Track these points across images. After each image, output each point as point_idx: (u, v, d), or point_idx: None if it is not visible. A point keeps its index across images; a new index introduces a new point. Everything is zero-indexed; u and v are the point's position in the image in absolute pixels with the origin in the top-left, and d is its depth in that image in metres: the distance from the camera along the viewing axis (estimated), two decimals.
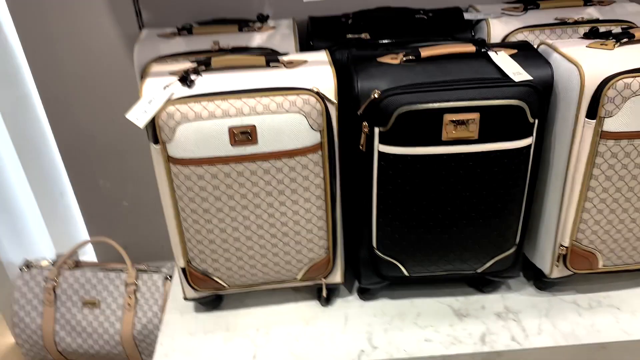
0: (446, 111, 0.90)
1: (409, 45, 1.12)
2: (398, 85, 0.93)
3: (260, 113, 0.91)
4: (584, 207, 1.00)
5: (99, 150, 1.44)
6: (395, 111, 0.90)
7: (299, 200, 0.99)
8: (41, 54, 1.31)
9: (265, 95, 0.92)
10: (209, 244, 1.01)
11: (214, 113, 0.90)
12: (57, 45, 1.30)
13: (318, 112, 0.93)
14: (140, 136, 1.39)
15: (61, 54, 1.31)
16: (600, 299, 1.14)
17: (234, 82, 0.94)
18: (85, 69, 1.33)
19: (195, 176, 0.94)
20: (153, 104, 0.91)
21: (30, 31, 1.28)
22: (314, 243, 1.04)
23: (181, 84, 0.94)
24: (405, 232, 1.02)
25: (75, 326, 1.36)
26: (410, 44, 1.13)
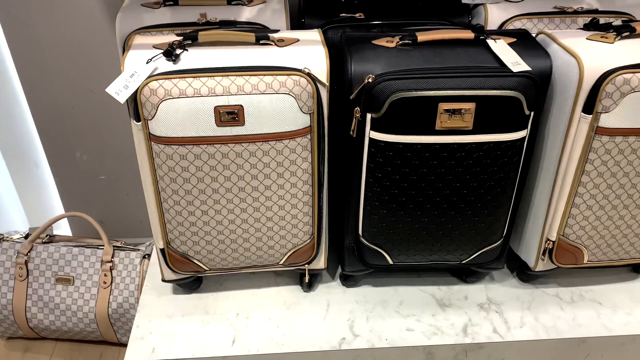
0: (441, 99, 0.87)
1: (405, 27, 1.08)
2: (393, 70, 0.89)
3: (248, 93, 0.87)
4: (573, 202, 0.98)
5: (77, 121, 1.38)
6: (388, 97, 0.87)
7: (285, 185, 0.96)
8: (15, 15, 1.24)
9: (254, 75, 0.87)
10: (190, 226, 0.98)
11: (200, 91, 0.86)
12: (33, 6, 1.23)
13: (309, 95, 0.89)
14: (121, 109, 1.34)
15: (38, 18, 1.24)
16: (582, 293, 1.14)
17: (221, 59, 0.89)
18: (63, 34, 1.27)
19: (177, 156, 0.90)
20: (135, 79, 0.86)
21: None
22: (298, 228, 1.01)
23: (166, 59, 0.89)
24: (392, 221, 0.99)
25: (47, 302, 1.32)
26: (405, 26, 1.09)
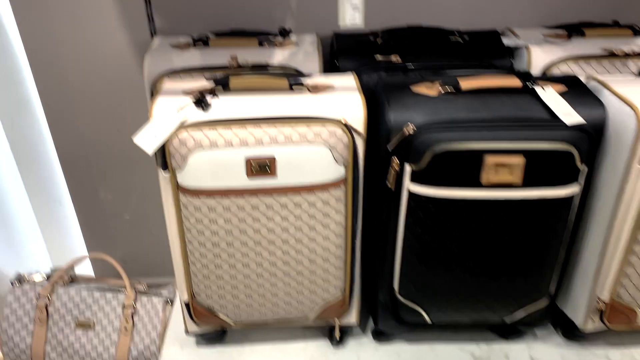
0: (488, 152, 0.81)
1: (444, 71, 1.03)
2: (435, 119, 0.84)
3: (281, 144, 0.82)
4: (628, 261, 0.91)
5: (102, 160, 1.36)
6: (430, 149, 0.82)
7: (317, 238, 0.90)
8: (43, 56, 1.22)
9: (287, 124, 0.83)
10: (216, 279, 0.93)
11: (231, 141, 0.82)
12: (61, 46, 1.22)
13: (344, 145, 0.84)
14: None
15: (65, 56, 1.23)
16: (634, 354, 1.05)
17: (253, 106, 0.85)
18: (91, 75, 1.24)
19: (205, 208, 0.85)
20: (164, 128, 0.82)
21: (32, 30, 1.19)
22: (329, 283, 0.96)
23: (196, 107, 0.85)
24: (431, 278, 0.93)
25: (67, 348, 1.28)
26: (444, 69, 1.04)
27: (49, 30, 1.19)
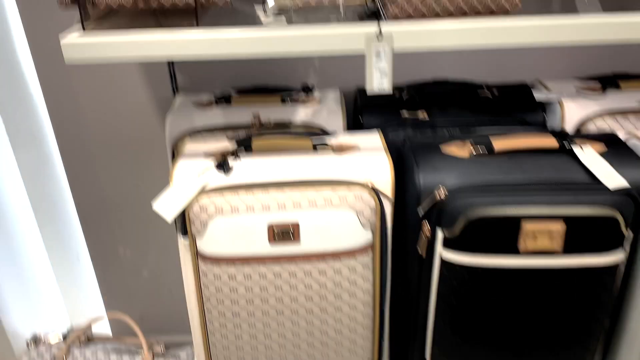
0: (526, 219, 0.76)
1: (474, 129, 0.99)
2: (467, 182, 0.80)
3: (305, 208, 0.79)
4: None
5: (121, 216, 1.33)
6: (464, 214, 0.77)
7: (343, 307, 0.85)
8: (65, 111, 1.22)
9: (311, 188, 0.79)
10: (236, 350, 0.88)
11: (253, 207, 0.78)
12: (82, 102, 1.21)
13: (372, 210, 0.80)
14: None
15: (86, 112, 1.22)
16: None
17: (276, 169, 0.82)
18: (112, 131, 1.24)
19: (226, 276, 0.81)
20: (184, 194, 0.79)
21: (54, 86, 1.19)
22: (356, 355, 0.90)
23: (217, 170, 0.82)
24: (465, 350, 0.87)
25: None
26: (474, 126, 1.00)
27: (71, 86, 1.19)
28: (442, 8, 0.68)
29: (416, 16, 0.68)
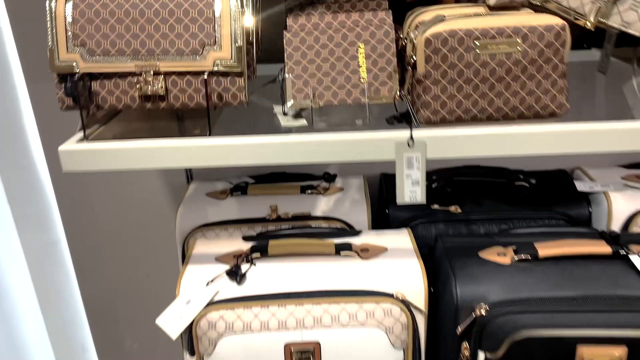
0: (580, 341, 0.66)
1: (513, 225, 0.90)
2: (511, 297, 0.70)
3: (326, 326, 0.70)
4: None
5: (129, 306, 1.25)
6: (509, 335, 0.67)
7: None
8: (73, 196, 1.17)
9: (335, 302, 0.71)
10: None
11: (268, 324, 0.69)
12: (91, 187, 1.16)
13: (402, 326, 0.71)
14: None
15: (95, 198, 1.17)
16: None
17: (295, 278, 0.74)
18: (121, 218, 1.17)
19: None
20: (192, 307, 0.71)
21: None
22: None
23: (229, 278, 0.74)
24: None
25: None
26: (512, 220, 0.91)
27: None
28: (480, 110, 0.61)
29: (451, 120, 0.61)
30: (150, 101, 0.65)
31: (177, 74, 0.64)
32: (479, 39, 0.59)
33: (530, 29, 0.59)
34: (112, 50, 0.63)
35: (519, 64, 0.60)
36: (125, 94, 0.65)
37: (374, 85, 0.66)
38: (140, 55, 0.63)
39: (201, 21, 0.63)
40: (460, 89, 0.61)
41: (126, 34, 0.63)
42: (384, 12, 0.70)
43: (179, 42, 0.63)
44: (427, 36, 0.59)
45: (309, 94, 0.66)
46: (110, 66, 0.63)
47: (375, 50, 0.66)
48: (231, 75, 0.64)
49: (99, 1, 0.63)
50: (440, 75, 0.60)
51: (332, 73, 0.66)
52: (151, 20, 0.63)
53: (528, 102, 0.61)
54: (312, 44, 0.67)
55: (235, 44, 0.63)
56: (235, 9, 0.63)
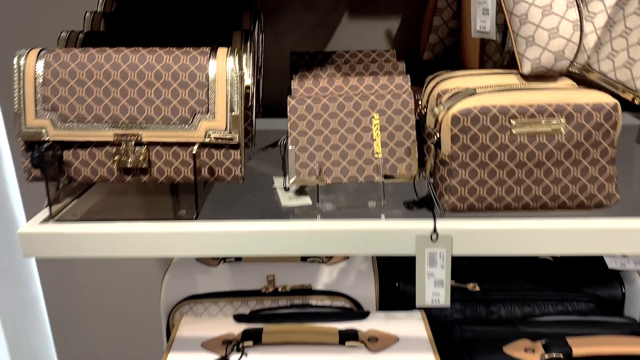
0: None
1: (537, 306, 0.80)
2: None
3: None
4: None
5: None
6: None
7: None
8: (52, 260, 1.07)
9: None
10: None
11: None
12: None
13: None
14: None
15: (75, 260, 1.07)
16: None
17: None
18: (104, 278, 1.08)
19: None
20: None
21: None
22: None
23: None
24: None
25: None
26: (536, 301, 0.81)
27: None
28: (514, 198, 0.52)
29: (480, 208, 0.52)
30: (131, 174, 0.56)
31: (162, 145, 0.55)
32: (515, 117, 0.51)
33: (577, 108, 0.51)
34: (88, 116, 0.55)
35: (562, 148, 0.51)
36: (101, 166, 0.56)
37: (389, 162, 0.57)
38: (120, 123, 0.55)
39: (192, 86, 0.54)
40: (493, 174, 0.52)
41: (105, 98, 0.54)
42: (402, 76, 0.62)
43: (165, 110, 0.54)
44: (454, 113, 0.51)
45: (314, 170, 0.57)
46: (85, 134, 0.55)
47: (391, 121, 0.58)
48: (225, 147, 0.56)
49: (74, 60, 0.55)
50: (469, 158, 0.52)
51: (341, 146, 0.58)
52: (134, 84, 0.54)
53: (571, 191, 0.52)
54: (319, 113, 0.58)
55: (231, 112, 0.55)
56: (233, 73, 0.55)
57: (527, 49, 0.57)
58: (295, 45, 0.94)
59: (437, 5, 0.75)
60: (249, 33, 0.64)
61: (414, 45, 0.88)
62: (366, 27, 0.90)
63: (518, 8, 0.56)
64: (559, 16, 0.55)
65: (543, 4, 0.56)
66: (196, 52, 0.55)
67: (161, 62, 0.55)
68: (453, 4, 0.75)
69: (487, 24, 0.60)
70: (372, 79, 0.62)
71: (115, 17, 0.70)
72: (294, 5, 0.90)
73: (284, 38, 0.93)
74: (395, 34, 0.90)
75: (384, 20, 0.90)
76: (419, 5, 0.88)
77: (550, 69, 0.57)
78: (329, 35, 0.92)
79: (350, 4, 0.89)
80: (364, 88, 0.61)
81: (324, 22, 0.91)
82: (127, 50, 0.55)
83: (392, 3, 0.89)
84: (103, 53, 0.55)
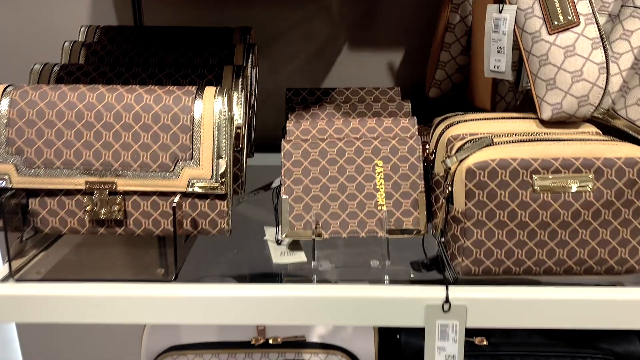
0: None
1: None
2: None
3: None
4: None
5: None
6: None
7: None
8: None
9: None
10: None
11: None
12: None
13: None
14: None
15: None
16: None
17: None
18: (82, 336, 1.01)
19: None
20: None
21: None
22: None
23: None
24: None
25: None
26: (548, 356, 0.75)
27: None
28: (535, 262, 0.47)
29: (498, 272, 0.46)
30: (104, 226, 0.50)
31: (140, 194, 0.49)
32: (538, 172, 0.45)
33: (607, 163, 0.45)
34: (57, 162, 0.49)
35: (590, 207, 0.45)
36: (71, 216, 0.50)
37: (395, 216, 0.51)
38: (93, 170, 0.48)
39: (175, 129, 0.49)
40: (512, 235, 0.46)
41: (77, 142, 0.48)
42: (408, 119, 0.56)
43: (144, 155, 0.48)
44: (469, 166, 0.45)
45: (310, 223, 0.51)
46: (53, 182, 0.49)
47: (397, 170, 0.52)
48: (211, 197, 0.50)
49: (44, 98, 0.49)
50: (486, 216, 0.46)
51: (341, 197, 0.52)
52: (110, 126, 0.49)
53: (600, 255, 0.46)
54: (316, 159, 0.53)
55: (219, 159, 0.49)
56: (221, 115, 0.49)
57: (548, 93, 0.51)
58: (292, 77, 0.89)
59: (445, 39, 0.70)
60: (241, 68, 0.59)
61: (418, 80, 0.83)
62: (367, 60, 0.85)
63: (537, 47, 0.51)
64: (584, 58, 0.50)
65: (565, 44, 0.50)
66: (180, 91, 0.50)
67: (141, 102, 0.49)
68: (462, 38, 0.70)
69: (502, 64, 0.55)
70: (376, 120, 0.56)
71: (96, 48, 0.65)
72: (291, 36, 0.85)
73: (280, 69, 0.87)
74: (397, 67, 0.85)
75: (385, 52, 0.85)
76: (422, 37, 0.83)
77: (573, 115, 0.51)
78: (328, 67, 0.86)
79: (350, 35, 0.85)
80: (366, 131, 0.56)
81: (322, 54, 0.86)
82: (103, 88, 0.50)
83: (394, 35, 0.84)
84: (76, 91, 0.49)
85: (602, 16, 0.60)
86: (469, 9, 0.70)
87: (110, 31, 0.71)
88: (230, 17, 0.85)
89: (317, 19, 0.85)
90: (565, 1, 0.50)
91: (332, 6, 0.84)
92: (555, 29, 0.51)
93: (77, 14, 0.80)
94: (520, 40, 0.53)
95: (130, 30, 0.70)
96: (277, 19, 0.84)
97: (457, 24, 0.71)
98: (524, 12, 0.52)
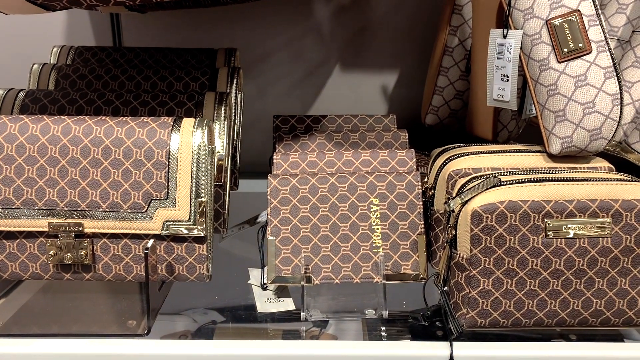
0: None
1: None
2: None
3: None
4: None
5: None
6: None
7: None
8: None
9: None
10: None
11: None
12: None
13: None
14: None
15: None
16: None
17: None
18: None
19: None
20: None
21: None
22: None
23: None
24: None
25: None
26: None
27: None
28: (547, 314, 0.42)
29: (506, 325, 0.42)
30: (70, 271, 0.45)
31: (110, 237, 0.44)
32: (550, 216, 0.41)
33: (625, 205, 0.41)
34: (17, 201, 0.44)
35: (607, 254, 0.41)
36: (33, 261, 0.45)
37: (392, 259, 0.47)
38: (57, 210, 0.44)
39: (149, 166, 0.44)
40: (522, 285, 0.42)
41: (39, 179, 0.44)
42: (405, 151, 0.52)
43: (114, 194, 0.44)
44: (475, 208, 0.41)
45: (299, 267, 0.46)
46: (12, 223, 0.44)
47: (394, 208, 0.48)
48: (188, 240, 0.45)
49: (3, 131, 0.44)
50: (494, 264, 0.41)
51: (333, 238, 0.47)
52: (77, 162, 0.44)
53: (618, 306, 0.42)
54: (306, 196, 0.48)
55: (197, 198, 0.44)
56: (200, 149, 0.45)
57: (557, 125, 0.47)
58: (280, 100, 0.84)
59: (443, 63, 0.66)
60: (224, 95, 0.55)
61: (414, 105, 0.79)
62: (359, 82, 0.81)
63: (545, 76, 0.47)
64: (596, 88, 0.46)
65: (576, 73, 0.47)
66: (155, 123, 0.45)
67: (111, 136, 0.44)
68: (461, 62, 0.66)
69: (506, 92, 0.51)
70: (370, 152, 0.52)
71: (68, 71, 0.60)
72: (280, 57, 0.81)
73: (268, 91, 0.83)
74: (391, 91, 0.81)
75: (379, 75, 0.80)
76: (419, 60, 0.79)
77: (584, 149, 0.47)
78: (319, 90, 0.82)
79: (341, 56, 0.81)
80: (360, 164, 0.51)
81: (312, 76, 0.81)
82: (69, 119, 0.45)
83: (388, 57, 0.80)
84: (39, 123, 0.45)
85: (611, 41, 0.57)
86: (469, 32, 0.66)
87: (85, 52, 0.66)
88: (215, 36, 0.81)
89: (307, 39, 0.80)
90: (575, 27, 0.47)
91: (323, 26, 0.80)
92: (565, 57, 0.47)
93: (51, 33, 0.75)
94: (526, 67, 0.49)
95: (107, 52, 0.66)
96: (265, 39, 0.80)
97: (455, 47, 0.67)
98: (530, 38, 0.48)
